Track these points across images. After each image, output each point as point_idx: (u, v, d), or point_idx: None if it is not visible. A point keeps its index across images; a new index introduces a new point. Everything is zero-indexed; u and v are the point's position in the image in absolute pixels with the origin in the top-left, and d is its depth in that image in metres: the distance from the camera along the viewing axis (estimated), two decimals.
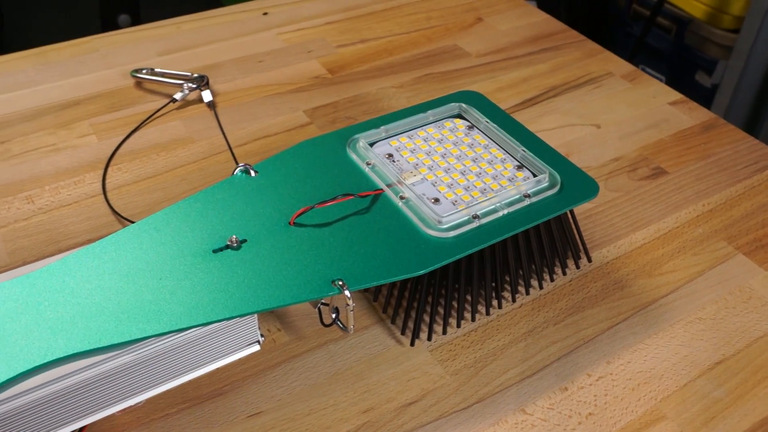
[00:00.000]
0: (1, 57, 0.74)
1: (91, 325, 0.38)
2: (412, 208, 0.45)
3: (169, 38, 0.78)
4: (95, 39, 0.78)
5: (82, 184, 0.58)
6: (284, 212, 0.45)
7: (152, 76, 0.70)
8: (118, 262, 0.41)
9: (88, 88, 0.69)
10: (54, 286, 0.40)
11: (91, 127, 0.64)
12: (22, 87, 0.69)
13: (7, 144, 0.62)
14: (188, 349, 0.40)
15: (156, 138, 0.63)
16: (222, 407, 0.43)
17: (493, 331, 0.48)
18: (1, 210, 0.56)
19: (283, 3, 0.85)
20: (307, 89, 0.71)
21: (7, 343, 0.36)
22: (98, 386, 0.38)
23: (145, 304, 0.39)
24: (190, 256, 0.42)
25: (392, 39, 0.79)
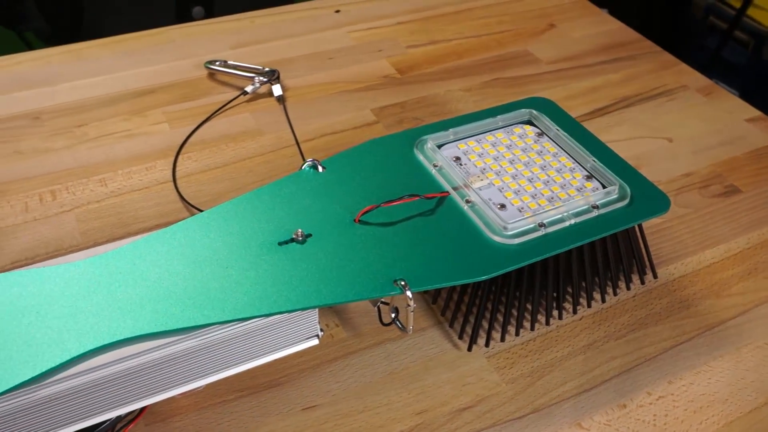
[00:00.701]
0: (82, 44, 0.76)
1: (158, 308, 0.39)
2: (477, 213, 0.45)
3: (243, 32, 0.79)
4: (171, 30, 0.79)
5: (153, 170, 0.60)
6: (349, 209, 0.45)
7: (225, 69, 0.71)
8: (186, 249, 0.42)
9: (162, 77, 0.71)
10: (125, 268, 0.41)
11: (164, 115, 0.66)
12: (101, 73, 0.71)
13: (84, 128, 0.64)
14: (249, 339, 0.41)
15: (226, 129, 0.65)
16: (278, 398, 0.44)
17: (552, 341, 0.48)
18: (76, 191, 0.57)
19: (355, 1, 0.86)
20: (375, 88, 0.71)
21: (78, 320, 0.38)
22: (161, 369, 0.39)
23: (211, 291, 0.40)
24: (256, 247, 0.42)
25: (462, 42, 0.79)
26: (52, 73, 0.71)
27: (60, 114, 0.66)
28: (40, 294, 0.39)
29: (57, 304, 0.39)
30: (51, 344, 0.36)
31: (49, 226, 0.54)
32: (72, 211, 0.56)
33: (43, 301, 0.39)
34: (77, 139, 0.63)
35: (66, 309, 0.38)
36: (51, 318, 0.38)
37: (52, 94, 0.68)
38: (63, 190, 0.58)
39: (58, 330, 0.37)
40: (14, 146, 0.62)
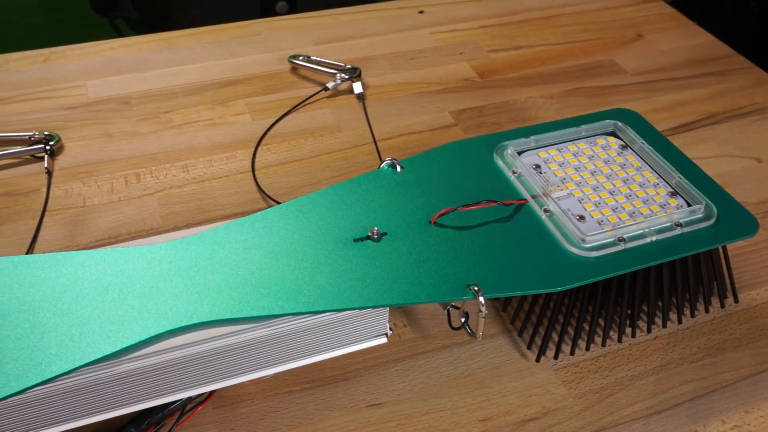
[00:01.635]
0: (172, 33, 0.79)
1: (235, 295, 0.39)
2: (555, 223, 0.44)
3: (327, 28, 0.80)
4: (258, 23, 0.81)
5: (233, 159, 0.61)
6: (426, 210, 0.45)
7: (308, 64, 0.72)
8: (264, 239, 0.43)
9: (247, 69, 0.73)
10: (204, 254, 0.42)
11: (247, 106, 0.67)
12: (189, 62, 0.73)
13: (170, 114, 0.66)
14: (319, 332, 0.41)
15: (305, 123, 0.65)
16: (343, 393, 0.44)
17: (624, 359, 0.46)
18: (159, 175, 0.59)
19: (439, 3, 0.86)
20: (455, 91, 0.71)
21: (158, 300, 0.39)
22: (232, 355, 0.40)
23: (286, 282, 0.40)
24: (332, 242, 0.43)
25: (546, 48, 0.78)
26: (142, 60, 0.74)
27: (148, 100, 0.68)
28: (123, 273, 0.40)
29: (139, 283, 0.40)
30: (131, 322, 0.38)
31: (133, 208, 0.56)
32: (154, 195, 0.57)
33: (126, 280, 0.40)
34: (163, 125, 0.65)
35: (147, 289, 0.39)
36: (132, 297, 0.39)
37: (141, 80, 0.70)
38: (147, 173, 0.59)
39: (138, 309, 0.38)
40: (104, 128, 0.64)
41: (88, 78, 0.71)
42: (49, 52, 0.75)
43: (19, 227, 0.54)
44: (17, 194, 0.57)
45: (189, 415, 0.42)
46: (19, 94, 0.68)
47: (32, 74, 0.71)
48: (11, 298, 0.39)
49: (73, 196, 0.57)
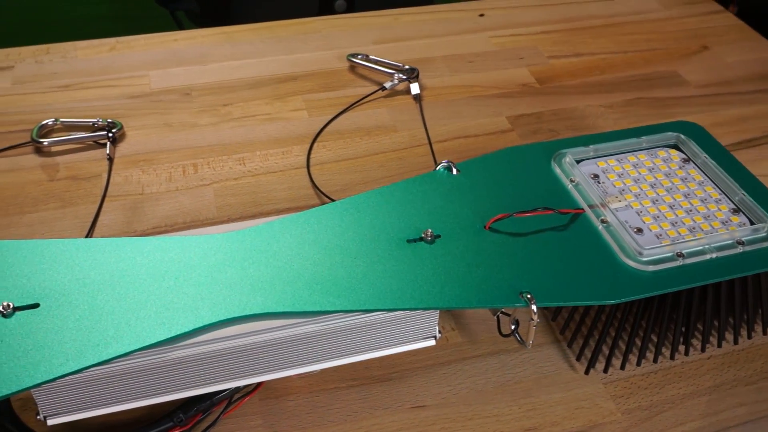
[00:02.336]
0: (234, 27, 0.80)
1: (287, 289, 0.40)
2: (612, 234, 0.44)
3: (386, 28, 0.80)
4: (318, 20, 0.82)
5: (289, 155, 0.62)
6: (480, 215, 0.45)
7: (366, 63, 0.72)
8: (318, 235, 0.43)
9: (306, 65, 0.73)
10: (259, 247, 0.42)
11: (304, 102, 0.68)
12: (249, 57, 0.74)
13: (229, 107, 0.67)
14: (368, 331, 0.41)
15: (361, 122, 0.66)
16: (388, 393, 0.44)
17: (675, 377, 0.45)
18: (216, 166, 0.60)
19: (500, 6, 0.85)
20: (512, 96, 0.70)
21: (213, 290, 0.39)
22: (281, 348, 0.40)
23: (338, 279, 0.40)
24: (385, 242, 0.43)
25: (607, 57, 0.77)
26: (204, 53, 0.75)
27: (208, 92, 0.69)
28: (180, 261, 0.41)
29: (195, 272, 0.40)
30: (186, 310, 0.38)
31: (189, 198, 0.57)
32: (211, 186, 0.58)
33: (182, 268, 0.41)
34: (221, 118, 0.66)
35: (202, 278, 0.40)
36: (188, 285, 0.40)
37: (202, 73, 0.72)
38: (204, 164, 0.60)
39: (193, 297, 0.39)
40: (165, 118, 0.65)
41: (152, 68, 0.72)
42: (115, 41, 0.76)
43: (80, 211, 0.56)
44: (80, 179, 0.59)
45: (236, 404, 0.42)
46: (85, 82, 0.70)
47: (98, 63, 0.73)
48: (72, 280, 0.40)
49: (132, 183, 0.58)
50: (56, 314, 0.38)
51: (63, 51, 0.74)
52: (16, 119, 0.65)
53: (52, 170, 0.59)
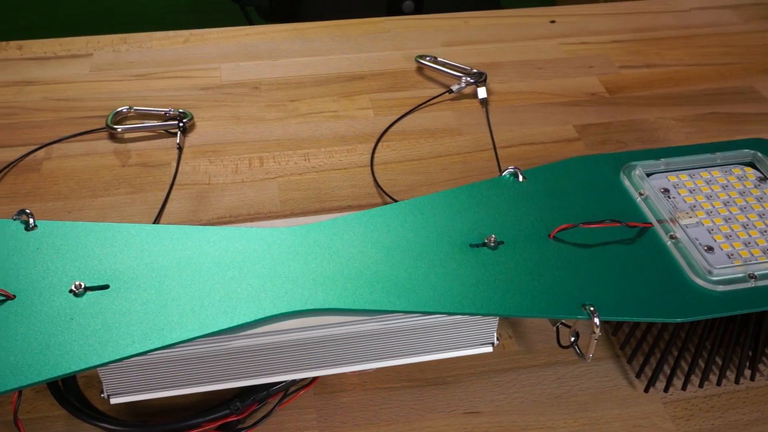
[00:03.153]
0: (304, 24, 0.81)
1: (348, 286, 0.40)
2: (681, 251, 0.43)
3: (456, 31, 0.80)
4: (388, 20, 0.82)
5: (353, 153, 0.62)
6: (545, 223, 0.44)
7: (434, 65, 0.72)
8: (381, 234, 0.43)
9: (374, 65, 0.74)
10: (322, 243, 0.43)
11: (371, 101, 0.68)
12: (318, 54, 0.75)
13: (297, 103, 0.68)
14: (426, 333, 0.41)
15: (427, 124, 0.66)
16: (442, 396, 0.44)
17: (740, 402, 0.44)
18: (281, 161, 0.61)
19: (572, 14, 0.84)
20: (581, 104, 0.69)
21: (275, 283, 0.40)
22: (339, 344, 0.40)
23: (399, 280, 0.40)
24: (448, 245, 0.43)
25: (681, 69, 0.75)
26: (274, 48, 0.76)
27: (277, 87, 0.70)
28: (244, 252, 0.42)
29: (258, 264, 0.41)
30: (248, 300, 0.39)
31: (254, 190, 0.58)
32: (275, 180, 0.59)
33: (246, 259, 0.41)
34: (289, 113, 0.67)
35: (266, 270, 0.41)
36: (251, 276, 0.40)
37: (272, 68, 0.73)
38: (270, 158, 0.61)
39: (256, 288, 0.40)
40: (234, 111, 0.67)
41: (223, 61, 0.74)
42: (189, 33, 0.78)
43: (149, 197, 0.57)
44: (150, 166, 0.60)
45: (291, 397, 0.43)
46: (159, 72, 0.71)
47: (172, 54, 0.74)
48: (141, 264, 0.41)
49: (199, 173, 0.60)
50: (125, 296, 0.39)
51: (139, 41, 0.76)
52: (92, 105, 0.67)
53: (124, 156, 0.61)
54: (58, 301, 0.39)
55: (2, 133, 0.63)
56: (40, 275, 0.40)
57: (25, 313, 0.38)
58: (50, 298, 0.39)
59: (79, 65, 0.72)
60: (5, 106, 0.66)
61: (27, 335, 0.37)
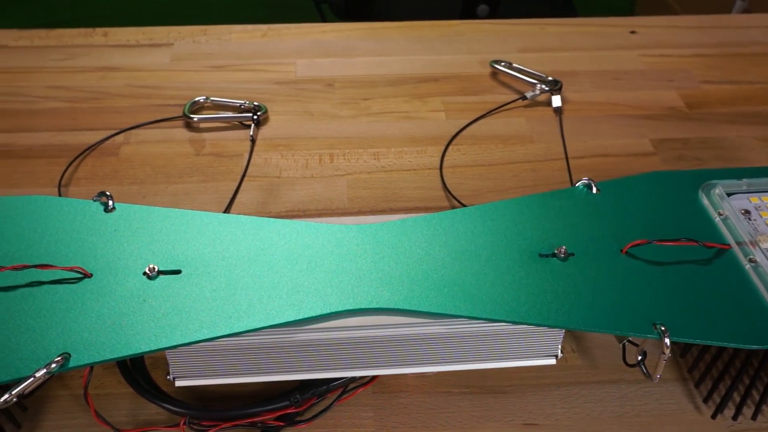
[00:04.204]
0: (380, 24, 0.81)
1: (415, 288, 0.40)
2: (760, 276, 0.41)
3: (531, 37, 0.79)
4: (463, 24, 0.81)
5: (423, 154, 0.62)
6: (618, 238, 0.43)
7: (509, 70, 0.71)
8: (450, 238, 0.43)
9: (447, 67, 0.73)
10: (391, 242, 0.43)
11: (443, 104, 0.68)
12: (392, 54, 0.75)
13: (369, 102, 0.68)
14: (489, 340, 0.41)
15: (498, 129, 0.65)
16: (500, 405, 0.44)
17: None
18: (351, 158, 0.61)
19: (653, 25, 0.82)
20: (658, 118, 0.67)
21: (342, 279, 0.40)
22: (401, 345, 0.40)
23: (466, 285, 0.40)
24: (516, 253, 0.42)
25: (766, 87, 0.72)
26: (349, 46, 0.76)
27: (350, 85, 0.70)
28: (313, 246, 0.42)
29: (326, 259, 0.41)
30: (315, 295, 0.39)
31: (323, 186, 0.59)
32: (344, 177, 0.59)
33: (315, 254, 0.42)
34: (361, 111, 0.67)
35: (333, 266, 0.41)
36: (319, 271, 0.41)
37: (346, 66, 0.73)
38: (340, 155, 0.62)
39: (323, 284, 0.40)
40: (307, 107, 0.67)
41: (298, 57, 0.74)
42: (267, 28, 0.79)
43: (221, 187, 0.58)
44: (223, 156, 0.61)
45: (350, 394, 0.43)
46: (237, 64, 0.73)
47: (250, 47, 0.76)
48: (212, 252, 0.42)
49: (271, 166, 0.60)
50: (196, 282, 0.40)
51: (219, 33, 0.78)
52: (171, 93, 0.68)
53: (198, 145, 0.62)
54: (132, 282, 0.40)
55: (86, 116, 0.65)
56: (116, 256, 0.41)
57: (101, 291, 0.39)
58: (125, 279, 0.40)
59: (160, 54, 0.74)
60: (90, 90, 0.69)
61: (101, 313, 0.38)
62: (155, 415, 0.43)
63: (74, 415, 0.43)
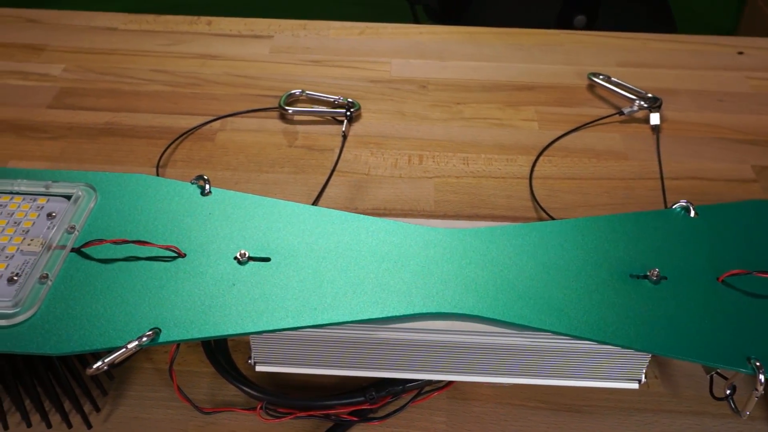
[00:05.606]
0: (477, 28, 0.81)
1: (500, 297, 0.40)
2: None
3: (632, 51, 0.77)
4: (562, 34, 0.80)
5: (513, 163, 0.61)
6: (715, 265, 0.42)
7: (607, 84, 0.70)
8: (538, 250, 0.42)
9: (543, 77, 0.72)
10: (479, 249, 0.42)
11: (536, 114, 0.67)
12: (488, 60, 0.75)
13: (461, 106, 0.68)
14: (571, 357, 0.40)
15: (592, 143, 0.64)
16: (575, 425, 0.43)
17: None
18: (440, 161, 0.61)
19: (763, 47, 0.79)
20: (762, 144, 0.65)
21: (428, 281, 0.40)
22: (480, 353, 0.40)
23: (553, 299, 0.40)
24: (606, 272, 0.41)
25: None
26: (445, 49, 0.76)
27: (444, 88, 0.70)
28: (401, 246, 0.42)
29: (413, 260, 0.41)
30: (400, 295, 0.39)
31: (410, 187, 0.59)
32: (432, 179, 0.59)
33: (402, 254, 0.42)
34: (453, 115, 0.67)
35: (420, 268, 0.41)
36: (405, 271, 0.41)
37: (441, 68, 0.73)
38: (429, 157, 0.62)
39: (408, 284, 0.40)
40: (399, 107, 0.68)
41: (394, 56, 0.75)
42: (365, 26, 0.80)
43: (310, 179, 0.59)
44: (314, 149, 0.62)
45: (425, 396, 0.43)
46: (333, 60, 0.74)
47: (347, 44, 0.77)
48: (301, 243, 0.42)
49: (360, 163, 0.61)
50: (284, 272, 0.41)
51: (318, 28, 0.79)
52: (267, 85, 0.70)
53: (291, 137, 0.64)
54: (223, 266, 0.41)
55: (186, 101, 0.67)
56: (209, 239, 0.43)
57: (193, 272, 0.40)
58: (216, 262, 0.41)
59: (259, 45, 0.76)
60: (191, 76, 0.71)
61: (192, 293, 0.39)
62: (233, 396, 0.44)
63: (156, 388, 0.44)
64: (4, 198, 0.44)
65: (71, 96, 0.68)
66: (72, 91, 0.68)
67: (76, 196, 0.44)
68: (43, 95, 0.68)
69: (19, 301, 0.38)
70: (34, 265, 0.40)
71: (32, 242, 0.41)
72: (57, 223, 0.43)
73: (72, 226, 0.42)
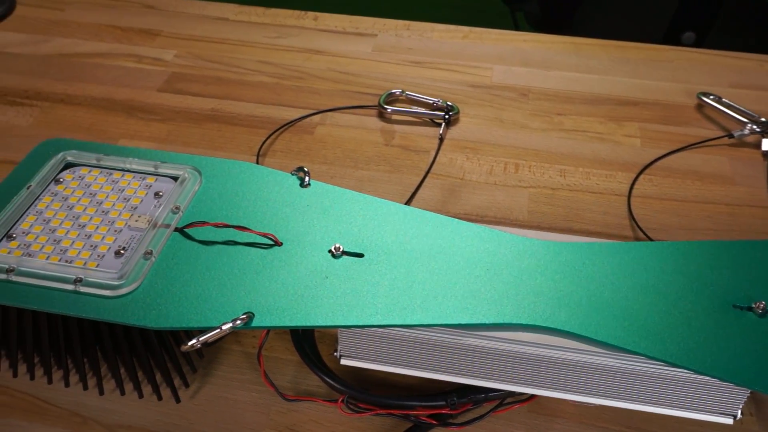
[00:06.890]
0: (582, 39, 0.79)
1: (593, 315, 0.39)
2: None
3: (747, 72, 0.74)
4: (671, 50, 0.78)
5: (611, 179, 0.60)
6: None
7: (717, 104, 0.67)
8: (636, 271, 0.41)
9: (649, 93, 0.70)
10: (574, 264, 0.41)
11: (640, 130, 0.65)
12: (592, 72, 0.73)
13: (562, 117, 0.67)
14: (663, 384, 0.39)
15: (697, 165, 0.62)
16: None
17: None
18: (536, 172, 0.60)
19: None
20: None
21: (519, 292, 0.40)
22: (569, 370, 0.39)
23: (649, 322, 0.38)
24: (707, 299, 0.40)
25: None
26: (549, 59, 0.75)
27: (545, 97, 0.69)
28: (494, 254, 0.42)
29: (506, 270, 0.41)
30: (491, 303, 0.39)
31: (504, 195, 0.58)
32: (527, 189, 0.59)
33: (494, 262, 0.41)
34: (552, 125, 0.66)
35: (512, 278, 0.41)
36: (496, 280, 0.40)
37: (543, 78, 0.72)
38: (525, 166, 0.61)
39: (499, 293, 0.40)
40: (498, 113, 0.67)
41: (496, 63, 0.74)
42: (468, 30, 0.80)
43: (404, 179, 0.59)
44: (410, 150, 0.62)
45: (506, 407, 0.42)
46: (435, 62, 0.74)
47: (450, 47, 0.76)
48: (395, 242, 0.43)
49: (455, 167, 0.61)
50: (376, 269, 0.41)
51: (421, 30, 0.79)
52: (368, 82, 0.71)
53: (389, 136, 0.64)
54: (318, 258, 0.42)
55: (289, 93, 0.69)
56: (305, 230, 0.43)
57: (289, 261, 0.41)
58: (311, 253, 0.42)
59: (363, 43, 0.77)
60: (296, 69, 0.72)
61: (286, 282, 0.40)
62: (315, 387, 0.44)
63: (243, 371, 0.45)
64: (117, 174, 0.46)
65: (181, 81, 0.70)
66: (181, 77, 0.71)
67: (182, 177, 0.46)
68: (155, 79, 0.71)
69: (125, 274, 0.40)
70: (140, 241, 0.42)
71: (140, 219, 0.43)
72: (163, 202, 0.44)
73: (177, 206, 0.44)
